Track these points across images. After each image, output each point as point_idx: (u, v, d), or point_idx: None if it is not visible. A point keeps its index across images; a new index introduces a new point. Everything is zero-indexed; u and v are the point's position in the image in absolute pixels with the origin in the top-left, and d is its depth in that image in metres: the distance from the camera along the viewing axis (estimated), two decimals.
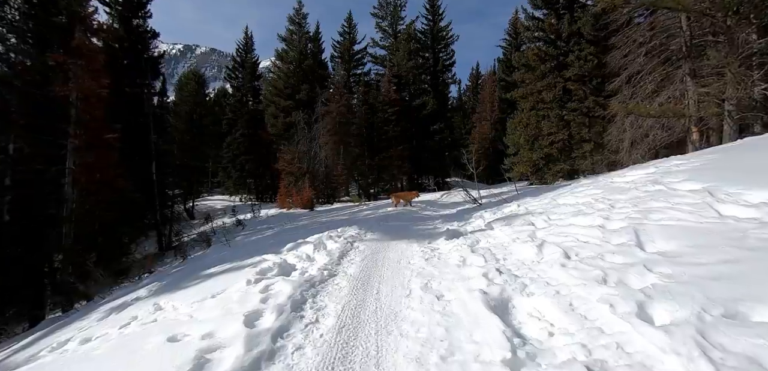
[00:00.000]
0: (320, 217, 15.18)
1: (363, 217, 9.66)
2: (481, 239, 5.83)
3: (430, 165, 31.35)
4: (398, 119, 28.13)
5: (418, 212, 11.12)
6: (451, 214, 9.46)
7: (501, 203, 8.26)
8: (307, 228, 8.46)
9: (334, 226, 7.76)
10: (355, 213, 11.69)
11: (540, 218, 5.95)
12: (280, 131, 30.58)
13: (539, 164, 16.77)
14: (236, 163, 34.49)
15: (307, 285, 4.33)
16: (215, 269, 5.65)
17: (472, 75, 55.49)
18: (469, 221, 7.37)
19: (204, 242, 14.89)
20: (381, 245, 6.45)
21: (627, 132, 13.64)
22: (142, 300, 5.12)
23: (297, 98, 29.86)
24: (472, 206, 8.72)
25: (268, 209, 26.42)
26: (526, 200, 7.34)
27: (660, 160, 8.43)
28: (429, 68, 33.31)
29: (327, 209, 20.74)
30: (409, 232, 7.49)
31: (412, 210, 11.48)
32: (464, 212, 8.74)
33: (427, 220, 8.58)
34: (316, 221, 10.60)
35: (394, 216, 9.19)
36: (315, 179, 26.08)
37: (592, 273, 3.35)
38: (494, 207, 7.81)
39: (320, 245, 6.23)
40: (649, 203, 4.72)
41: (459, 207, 10.73)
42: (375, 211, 11.25)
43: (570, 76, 16.49)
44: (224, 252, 7.11)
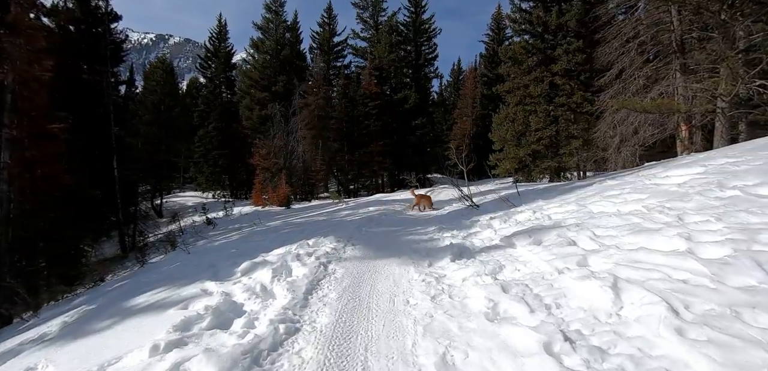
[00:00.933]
0: (296, 216, 14.12)
1: (342, 219, 8.63)
2: (503, 263, 4.29)
3: (411, 161, 30.57)
4: (379, 113, 27.19)
5: (403, 212, 10.25)
6: (443, 216, 8.44)
7: (502, 205, 6.92)
8: (278, 232, 7.39)
9: (309, 231, 6.76)
10: (333, 214, 10.70)
11: (581, 233, 4.35)
12: (255, 124, 29.14)
13: (526, 160, 16.20)
14: (209, 157, 32.76)
15: (248, 361, 2.66)
16: (142, 299, 4.39)
17: (453, 71, 55.06)
18: (472, 229, 5.93)
19: (169, 243, 13.66)
20: (365, 268, 4.83)
21: (617, 128, 13.15)
22: (17, 356, 3.76)
23: (273, 89, 28.48)
24: (466, 207, 7.83)
25: (242, 207, 25.08)
26: (537, 204, 6.05)
27: (701, 156, 7.02)
28: (411, 62, 32.47)
29: (304, 207, 19.65)
30: (400, 244, 5.96)
31: (395, 210, 10.60)
32: (459, 215, 7.41)
33: (417, 224, 7.18)
34: (290, 223, 9.59)
35: (377, 219, 8.13)
36: (292, 175, 24.87)
37: (745, 357, 1.91)
38: (499, 212, 6.38)
39: (283, 269, 4.71)
40: (738, 215, 3.43)
41: (450, 207, 9.84)
42: (355, 211, 10.29)
43: (557, 71, 15.96)
44: (177, 263, 6.03)
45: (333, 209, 13.84)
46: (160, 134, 27.87)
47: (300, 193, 24.77)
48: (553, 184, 10.85)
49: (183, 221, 23.44)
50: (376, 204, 11.78)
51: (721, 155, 5.83)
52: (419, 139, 29.91)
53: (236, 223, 17.33)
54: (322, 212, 12.53)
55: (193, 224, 19.17)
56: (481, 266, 4.21)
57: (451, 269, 4.42)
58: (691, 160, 6.30)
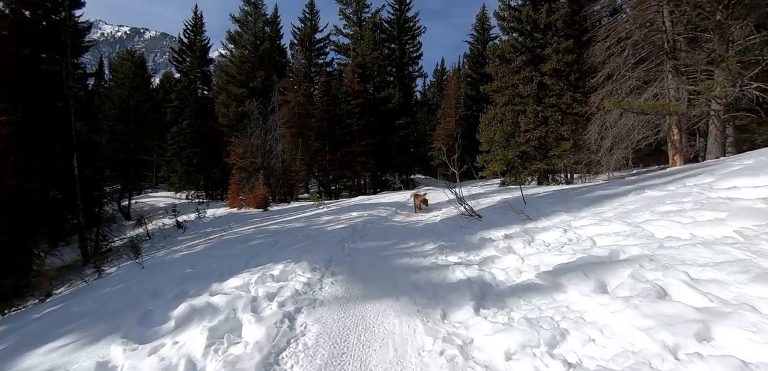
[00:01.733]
0: (273, 220, 13.14)
1: (322, 227, 7.70)
2: (560, 322, 2.81)
3: (395, 161, 29.82)
4: (362, 112, 26.33)
5: (390, 218, 9.44)
6: (436, 224, 7.25)
7: (509, 215, 5.67)
8: (247, 243, 6.33)
9: (283, 243, 5.94)
10: (312, 219, 9.78)
11: (669, 275, 2.89)
12: (231, 121, 27.82)
13: (514, 162, 15.66)
14: (183, 156, 31.17)
15: None
16: (27, 364, 3.02)
17: (436, 71, 54.70)
18: (484, 250, 4.70)
19: (132, 250, 12.48)
20: (350, 322, 3.31)
21: (609, 130, 12.71)
22: None
23: (251, 85, 27.22)
24: (461, 214, 7.00)
25: (217, 209, 23.81)
26: (560, 218, 4.87)
27: (734, 160, 6.00)
28: (395, 60, 31.76)
29: (282, 210, 18.62)
30: (395, 273, 4.50)
31: (381, 215, 9.77)
32: (457, 225, 6.28)
33: (409, 237, 6.16)
34: (264, 230, 8.63)
35: (362, 228, 7.11)
36: (270, 175, 23.73)
37: None
38: (512, 226, 5.18)
39: (228, 325, 3.18)
40: None
41: (442, 213, 9.02)
42: (337, 217, 9.40)
43: (547, 71, 15.50)
44: (122, 283, 4.99)
45: (313, 212, 12.92)
46: (128, 130, 26.19)
47: (279, 194, 23.66)
48: (558, 188, 10.08)
49: (153, 223, 22.06)
50: (359, 208, 10.93)
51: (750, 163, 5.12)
52: (403, 139, 29.20)
53: (209, 226, 16.17)
54: (300, 216, 11.60)
55: (163, 228, 17.89)
56: (530, 330, 2.66)
57: (479, 329, 2.91)
58: (743, 166, 5.05)
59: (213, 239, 8.65)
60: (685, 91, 11.31)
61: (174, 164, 32.23)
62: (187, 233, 15.82)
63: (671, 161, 12.94)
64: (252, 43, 28.55)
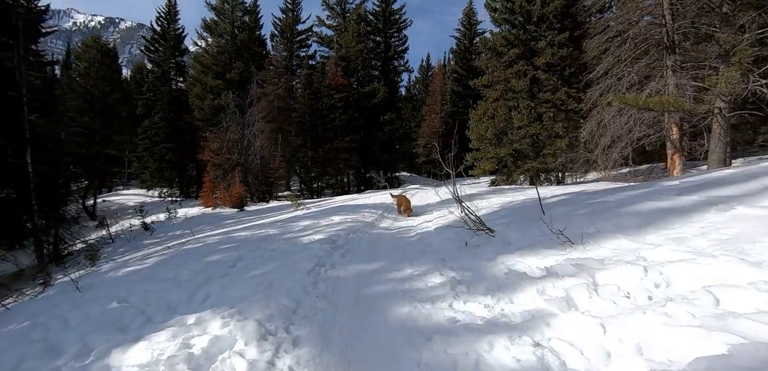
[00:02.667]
0: (246, 223, 11.98)
1: (296, 238, 6.52)
2: None
3: (379, 158, 28.74)
4: (345, 107, 25.18)
5: (376, 224, 8.40)
6: (432, 236, 6.02)
7: (533, 230, 4.35)
8: (203, 260, 4.92)
9: (246, 262, 4.72)
10: (288, 223, 8.67)
11: None
12: (207, 115, 26.27)
13: (507, 161, 14.85)
14: (155, 152, 29.40)
15: None
16: None
17: (422, 67, 53.83)
18: (519, 293, 3.15)
19: (90, 257, 11.17)
20: None
21: (608, 128, 12.01)
22: None
23: (228, 77, 25.71)
24: (461, 220, 5.92)
25: (190, 208, 22.34)
26: (618, 242, 3.44)
27: None
28: (380, 53, 30.66)
29: (260, 210, 17.42)
30: (394, 345, 2.75)
31: (366, 221, 8.75)
32: (460, 240, 5.03)
33: (404, 259, 4.72)
34: (232, 238, 7.48)
35: (344, 241, 5.77)
36: (248, 172, 22.38)
37: None
38: (547, 250, 3.80)
39: None
40: None
41: (435, 218, 7.98)
42: (316, 222, 8.30)
43: (540, 65, 14.73)
44: (28, 320, 3.80)
45: (290, 214, 11.81)
46: (93, 123, 24.31)
47: (257, 193, 22.33)
48: (567, 190, 8.80)
49: (119, 224, 20.50)
50: (342, 211, 9.88)
51: None
52: (388, 135, 28.17)
53: (178, 228, 14.91)
54: (276, 220, 10.47)
55: (130, 229, 16.47)
56: None
57: None
58: None
59: (171, 249, 7.48)
60: (689, 87, 10.65)
61: (146, 160, 30.40)
62: (154, 235, 14.55)
63: (670, 161, 12.33)
64: (229, 33, 26.99)
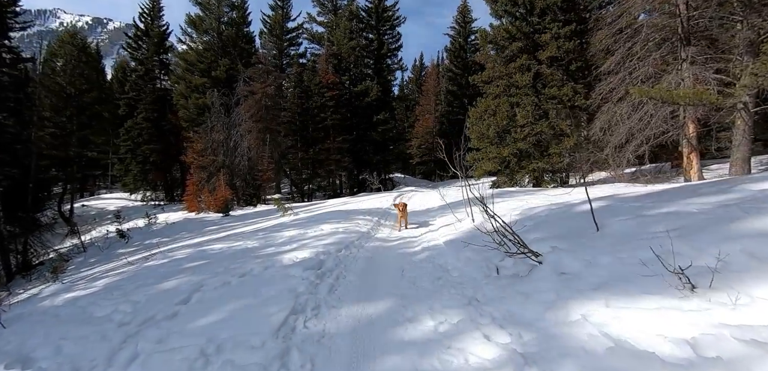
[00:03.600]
0: (228, 230, 10.89)
1: (278, 252, 5.35)
2: None
3: (372, 160, 27.67)
4: (337, 106, 24.11)
5: (372, 235, 7.32)
6: (445, 256, 4.78)
7: (604, 254, 3.22)
8: (156, 286, 3.56)
9: (205, 295, 3.61)
10: (271, 234, 7.57)
11: None
12: (192, 115, 25.04)
13: (510, 160, 13.91)
14: (138, 153, 28.00)
15: None
16: None
17: (415, 67, 52.98)
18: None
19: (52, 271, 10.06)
20: None
21: (621, 125, 11.13)
22: None
23: (213, 74, 24.51)
24: (474, 230, 4.89)
25: (173, 213, 21.09)
26: (749, 279, 2.23)
27: None
28: (373, 51, 29.65)
29: (246, 215, 16.35)
30: None
31: (361, 231, 7.70)
32: (487, 264, 3.87)
33: (416, 298, 3.46)
34: (205, 253, 6.38)
35: (335, 263, 4.79)
36: (234, 174, 21.21)
37: None
38: (655, 296, 2.45)
39: None
40: None
41: (440, 226, 7.01)
42: (303, 233, 7.20)
43: (544, 59, 13.83)
44: None
45: (276, 221, 10.74)
46: (70, 124, 22.93)
47: (244, 196, 21.16)
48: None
49: (97, 230, 19.30)
50: (333, 218, 8.83)
51: None
52: (381, 135, 27.12)
53: (156, 236, 13.80)
54: (259, 228, 9.41)
55: (106, 237, 15.29)
56: None
57: None
58: None
59: (133, 266, 6.39)
60: (712, 79, 9.80)
61: (128, 162, 28.98)
62: (129, 243, 13.43)
63: (686, 160, 11.49)
64: (215, 29, 25.79)
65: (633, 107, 11.01)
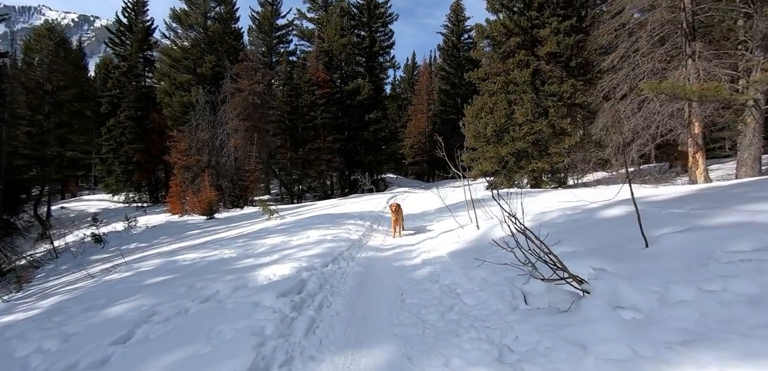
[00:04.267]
0: (209, 235, 10.16)
1: (255, 265, 4.57)
2: None
3: (364, 160, 26.91)
4: (327, 104, 23.35)
5: (364, 244, 6.62)
6: (451, 273, 3.97)
7: (679, 284, 2.25)
8: (101, 311, 2.86)
9: (152, 329, 2.85)
10: (251, 242, 6.80)
11: None
12: (176, 113, 24.06)
13: (508, 160, 13.32)
14: (120, 153, 26.94)
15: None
16: None
17: (407, 66, 52.38)
18: None
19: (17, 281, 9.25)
20: None
21: (624, 123, 10.59)
22: None
23: (199, 71, 23.60)
24: (479, 239, 4.31)
25: (155, 215, 20.16)
26: None
27: None
28: (364, 49, 28.91)
29: (231, 217, 15.56)
30: None
31: (351, 238, 6.99)
32: (509, 287, 3.05)
33: (425, 350, 2.41)
34: (171, 267, 5.56)
35: (318, 282, 3.95)
36: (220, 175, 20.35)
37: None
38: None
39: None
40: None
41: (441, 235, 6.30)
42: (288, 239, 6.48)
43: (543, 55, 13.28)
44: None
45: (261, 225, 10.00)
46: (47, 122, 21.81)
47: (231, 198, 20.32)
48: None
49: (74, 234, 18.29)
50: (321, 223, 8.12)
51: None
52: (373, 135, 26.38)
53: (133, 241, 12.98)
54: (241, 234, 8.67)
55: (82, 241, 14.43)
56: None
57: None
58: None
59: (92, 280, 5.62)
60: (722, 75, 9.29)
61: (110, 162, 27.86)
62: (106, 248, 12.62)
63: (691, 159, 11.01)
64: (201, 24, 24.84)
65: (638, 104, 10.48)
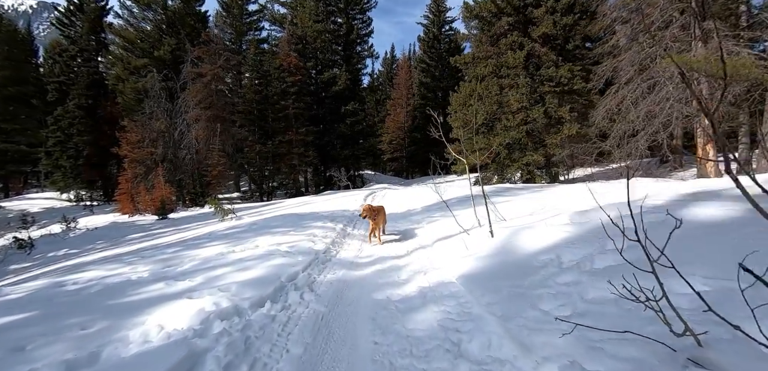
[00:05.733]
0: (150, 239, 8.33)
1: (152, 298, 2.92)
2: None
3: (340, 154, 25.12)
4: (300, 93, 21.45)
5: (331, 258, 4.93)
6: (476, 312, 2.49)
7: None
8: None
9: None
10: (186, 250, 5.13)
11: None
12: (130, 102, 21.66)
13: (500, 152, 11.96)
14: (69, 146, 24.18)
15: None
16: None
17: (386, 60, 50.80)
18: None
19: None
20: None
21: (633, 109, 9.38)
22: None
23: (156, 55, 21.23)
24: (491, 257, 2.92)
25: (103, 215, 17.83)
26: None
27: None
28: (341, 36, 27.12)
29: (187, 217, 13.62)
30: None
31: (315, 248, 5.36)
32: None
33: None
34: (62, 284, 3.91)
35: (249, 343, 2.26)
36: (178, 170, 18.23)
37: None
38: None
39: None
40: None
41: (438, 243, 4.64)
42: (232, 247, 4.76)
43: (538, 37, 11.97)
44: None
45: (210, 228, 8.23)
46: None
47: (191, 195, 18.22)
48: (589, 188, 4.84)
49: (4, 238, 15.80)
50: (283, 225, 6.48)
51: None
52: (350, 128, 24.60)
53: (65, 246, 10.91)
54: (183, 238, 6.93)
55: (9, 246, 12.11)
56: None
57: None
58: None
59: None
60: (746, 54, 8.19)
61: (57, 156, 25.00)
62: (32, 255, 10.52)
63: (702, 151, 9.94)
64: (160, 3, 22.44)
65: (649, 87, 9.29)
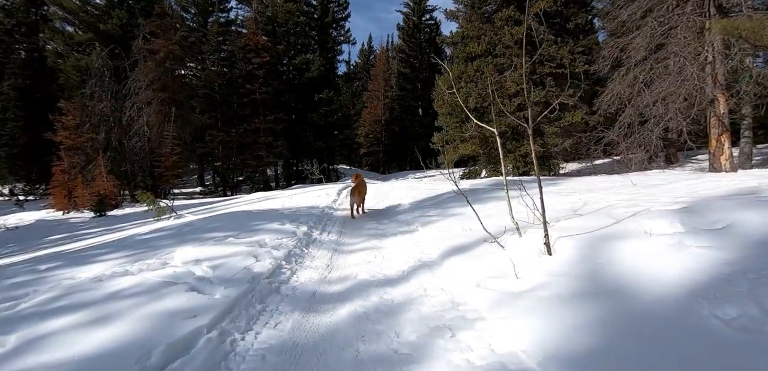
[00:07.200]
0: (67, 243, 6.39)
1: None
2: None
3: (313, 146, 23.22)
4: (268, 76, 19.41)
5: (277, 290, 3.42)
6: None
7: None
8: None
9: None
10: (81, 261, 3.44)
11: None
12: (73, 81, 19.09)
13: (492, 143, 10.62)
14: (2, 134, 21.44)
15: None
16: None
17: (362, 51, 48.99)
18: None
19: None
20: None
21: (645, 93, 8.20)
22: None
23: (102, 28, 18.70)
24: None
25: (34, 211, 15.35)
26: None
27: None
28: (316, 19, 25.20)
29: (127, 216, 11.60)
30: None
31: (259, 269, 3.77)
32: None
33: None
34: None
35: None
36: (125, 160, 15.98)
37: None
38: None
39: None
40: None
41: (434, 238, 3.31)
42: (135, 259, 3.19)
43: (534, 14, 10.63)
44: None
45: (143, 228, 6.42)
46: None
47: (140, 187, 15.97)
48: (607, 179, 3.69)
49: None
50: (221, 229, 4.73)
51: None
52: (324, 118, 22.73)
53: None
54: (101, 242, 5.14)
55: None
56: None
57: None
58: None
59: None
60: None
61: None
62: None
63: (715, 142, 8.89)
64: None
65: (665, 69, 8.11)
